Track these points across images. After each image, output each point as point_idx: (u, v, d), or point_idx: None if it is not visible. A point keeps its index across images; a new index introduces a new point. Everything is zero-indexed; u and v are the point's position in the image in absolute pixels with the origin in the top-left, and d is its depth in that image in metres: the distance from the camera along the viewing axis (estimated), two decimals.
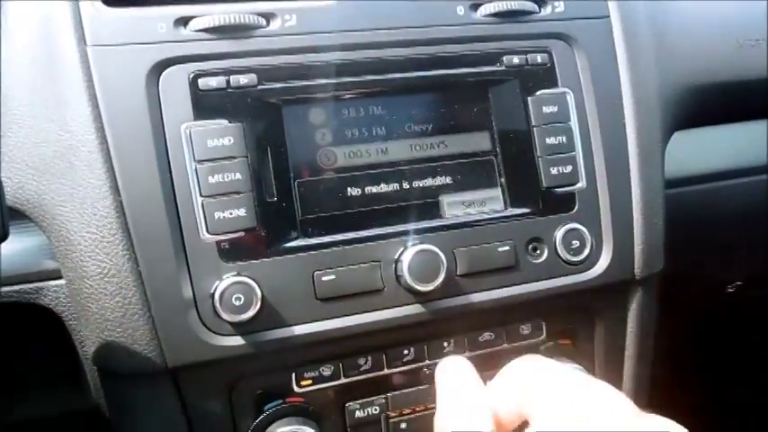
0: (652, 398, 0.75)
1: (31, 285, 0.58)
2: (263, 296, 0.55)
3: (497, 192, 0.65)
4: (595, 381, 0.42)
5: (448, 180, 0.63)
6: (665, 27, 0.75)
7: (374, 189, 0.61)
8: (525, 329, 0.68)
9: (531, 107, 0.66)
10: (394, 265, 0.60)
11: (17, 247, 0.59)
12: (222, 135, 0.56)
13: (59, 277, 0.57)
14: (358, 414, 0.62)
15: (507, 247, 0.63)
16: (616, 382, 0.73)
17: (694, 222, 0.88)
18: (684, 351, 1.01)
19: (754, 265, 1.01)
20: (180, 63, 0.56)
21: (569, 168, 0.66)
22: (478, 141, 0.65)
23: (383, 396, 0.63)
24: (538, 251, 0.65)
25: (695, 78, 0.76)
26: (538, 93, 0.66)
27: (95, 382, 0.61)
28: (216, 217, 0.55)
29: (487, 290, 0.63)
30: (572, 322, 0.70)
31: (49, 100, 0.55)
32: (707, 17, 0.79)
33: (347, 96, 0.62)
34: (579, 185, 0.66)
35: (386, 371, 0.63)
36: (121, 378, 0.57)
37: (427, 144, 0.63)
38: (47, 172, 0.55)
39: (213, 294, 0.54)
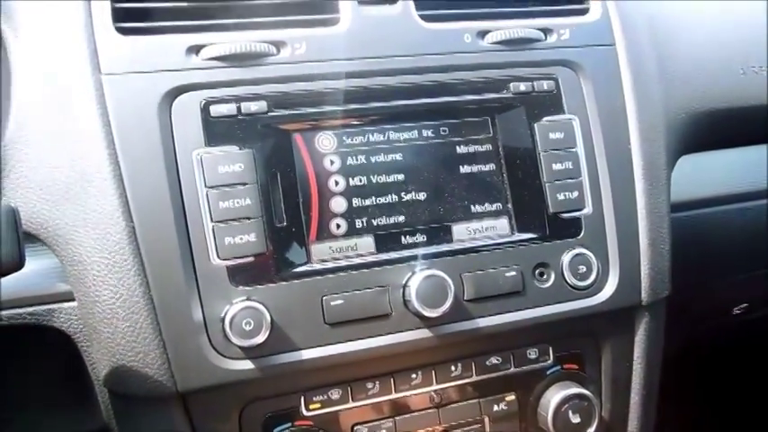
0: (659, 423, 0.75)
1: (45, 307, 0.59)
2: (272, 321, 0.56)
3: (504, 217, 0.66)
4: None
5: (455, 206, 0.64)
6: (670, 54, 0.76)
7: (382, 214, 0.62)
8: (532, 354, 0.68)
9: (537, 133, 0.66)
10: (402, 290, 0.60)
11: (30, 270, 0.60)
12: (233, 161, 0.57)
13: (72, 299, 0.58)
14: None
15: (514, 272, 0.64)
16: (623, 406, 0.73)
17: (700, 246, 0.89)
18: (691, 375, 1.01)
19: (759, 286, 1.01)
20: (192, 90, 0.57)
21: (576, 194, 0.67)
22: (486, 167, 0.66)
23: (391, 419, 0.63)
24: (545, 276, 0.65)
25: (700, 104, 0.77)
26: (544, 119, 0.67)
27: (106, 404, 0.62)
28: (226, 242, 0.56)
29: (494, 314, 0.63)
30: (579, 347, 0.70)
31: (63, 127, 0.56)
32: (711, 44, 0.80)
33: (356, 123, 0.62)
34: (585, 211, 0.67)
35: (394, 395, 0.63)
36: (132, 400, 0.57)
37: (434, 170, 0.64)
38: (61, 197, 0.56)
39: (224, 319, 0.55)
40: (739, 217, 0.94)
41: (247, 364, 0.56)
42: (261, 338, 0.54)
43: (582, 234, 0.67)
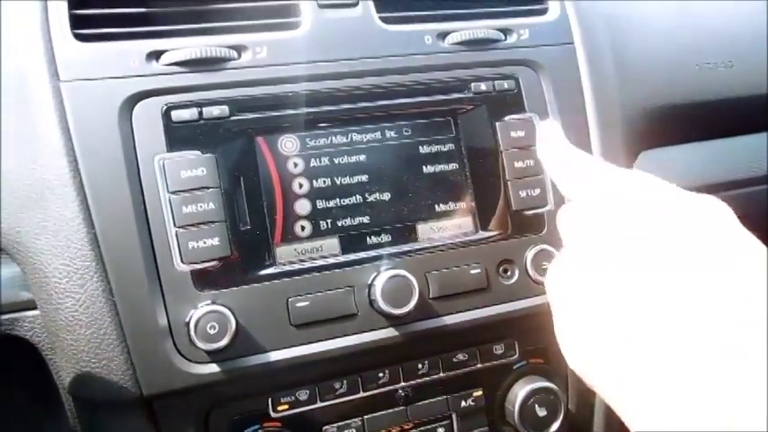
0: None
1: (7, 317, 0.59)
2: (237, 324, 0.56)
3: (468, 215, 0.67)
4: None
5: (419, 205, 0.65)
6: (627, 52, 0.78)
7: (346, 215, 0.62)
8: (498, 349, 0.69)
9: (499, 132, 0.67)
10: (367, 290, 0.61)
11: None
12: (195, 166, 0.57)
13: (34, 308, 0.58)
14: None
15: (478, 270, 0.65)
16: (588, 399, 0.74)
17: None
18: None
19: None
20: (152, 96, 0.57)
21: (538, 191, 0.68)
22: (449, 166, 0.67)
23: (359, 418, 0.64)
24: (509, 272, 0.66)
25: (657, 100, 0.79)
26: (506, 118, 0.68)
27: (72, 412, 0.61)
28: (190, 247, 0.56)
29: (460, 312, 0.64)
30: (544, 341, 0.71)
31: (21, 134, 0.56)
32: (667, 42, 0.82)
33: (319, 125, 0.63)
34: (548, 207, 0.68)
35: (361, 394, 0.64)
36: (98, 407, 0.57)
37: (398, 170, 0.65)
38: (21, 205, 0.55)
39: (188, 323, 0.55)
40: None
41: (213, 368, 0.56)
42: (225, 341, 0.55)
43: (545, 230, 0.68)
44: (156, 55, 0.59)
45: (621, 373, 0.37)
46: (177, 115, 0.58)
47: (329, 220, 0.62)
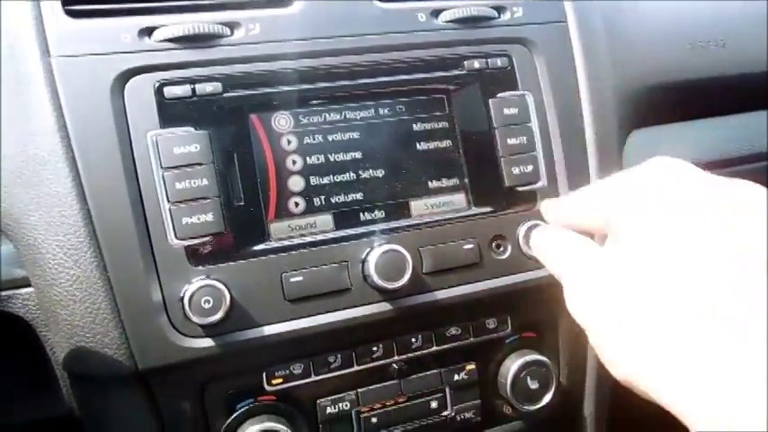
0: (616, 386, 0.78)
1: (1, 294, 0.59)
2: (231, 298, 0.56)
3: (461, 192, 0.67)
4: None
5: (413, 182, 0.65)
6: (620, 30, 0.78)
7: (340, 192, 0.63)
8: (491, 324, 0.70)
9: (492, 109, 0.68)
10: (361, 265, 0.61)
11: None
12: (188, 143, 0.57)
13: (28, 285, 0.58)
14: (329, 410, 0.64)
15: (471, 245, 0.65)
16: (580, 372, 0.75)
17: None
18: None
19: None
20: (145, 73, 0.57)
21: (530, 168, 0.68)
22: (442, 143, 0.67)
23: (353, 392, 0.65)
24: (501, 248, 0.67)
25: (649, 79, 0.79)
26: (499, 95, 0.68)
27: (68, 388, 0.62)
28: (184, 222, 0.56)
29: (453, 286, 0.65)
30: (536, 315, 0.72)
31: (13, 111, 0.56)
32: (660, 20, 0.82)
33: (312, 102, 0.63)
34: (540, 184, 0.69)
35: (355, 367, 0.64)
36: (93, 382, 0.58)
37: (391, 147, 0.65)
38: (14, 182, 0.55)
39: (182, 298, 0.55)
40: None
41: (207, 342, 0.56)
42: (220, 315, 0.55)
43: (537, 206, 0.68)
44: (148, 31, 0.58)
45: (681, 374, 0.36)
46: (170, 92, 0.58)
47: (323, 197, 0.62)
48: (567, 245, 0.51)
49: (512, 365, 0.69)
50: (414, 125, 0.66)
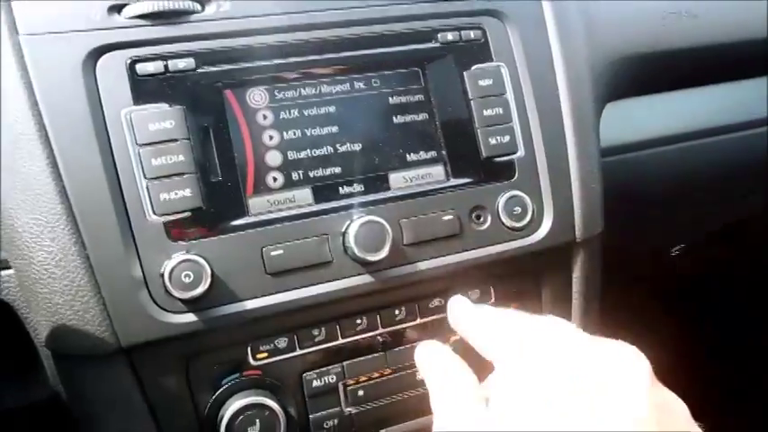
0: None
1: None
2: (212, 273, 0.56)
3: (440, 164, 0.67)
4: (544, 319, 0.46)
5: (391, 155, 0.65)
6: (593, 2, 0.79)
7: (318, 166, 0.63)
8: (474, 295, 0.70)
9: (467, 81, 0.68)
10: (341, 238, 0.61)
11: None
12: (163, 119, 0.57)
13: (8, 267, 0.57)
14: (315, 383, 0.64)
15: (451, 216, 0.66)
16: None
17: (635, 188, 0.93)
18: (632, 312, 1.06)
19: (697, 227, 1.06)
20: (116, 50, 0.57)
21: (507, 138, 0.69)
22: (419, 116, 0.67)
23: (339, 365, 0.65)
24: (481, 219, 0.67)
25: (622, 50, 0.80)
26: (473, 67, 0.69)
27: (52, 370, 0.62)
28: (161, 198, 0.56)
29: (434, 257, 0.65)
30: (519, 286, 0.73)
31: None
32: None
33: (287, 77, 0.63)
34: (518, 154, 0.69)
35: (340, 341, 0.65)
36: (76, 360, 0.58)
37: (368, 121, 0.65)
38: None
39: (163, 273, 0.55)
40: (676, 158, 0.98)
41: (190, 317, 0.56)
42: (201, 289, 0.55)
43: (516, 177, 0.69)
44: (117, 8, 0.58)
45: None
46: (142, 68, 0.58)
47: (301, 171, 0.62)
48: (452, 376, 0.51)
49: None
50: (389, 98, 0.67)
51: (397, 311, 0.67)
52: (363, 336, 0.66)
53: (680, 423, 0.40)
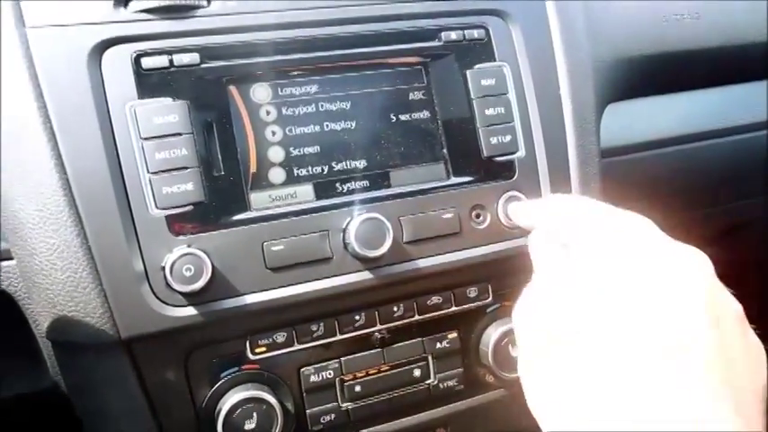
0: None
1: None
2: (213, 267, 0.57)
3: (440, 162, 0.68)
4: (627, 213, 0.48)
5: (392, 152, 0.66)
6: (596, 3, 0.79)
7: (320, 162, 0.63)
8: (472, 293, 0.71)
9: (469, 80, 0.68)
10: (342, 234, 0.62)
11: None
12: (167, 113, 0.57)
13: (10, 258, 0.58)
14: (313, 378, 0.65)
15: (451, 215, 0.66)
16: None
17: (635, 189, 0.93)
18: None
19: (697, 229, 1.06)
20: (121, 43, 0.57)
21: (508, 138, 0.69)
22: (421, 114, 0.68)
23: (337, 360, 0.65)
24: (481, 217, 0.68)
25: (625, 51, 0.80)
26: (476, 66, 0.69)
27: (52, 361, 0.62)
28: (164, 192, 0.57)
29: (433, 255, 0.65)
30: (516, 284, 0.73)
31: None
32: None
33: (291, 74, 0.63)
34: (518, 154, 0.70)
35: (338, 336, 0.65)
36: (77, 351, 0.58)
37: (370, 118, 0.66)
38: None
39: (164, 267, 0.56)
40: (676, 160, 0.98)
41: (190, 311, 0.57)
42: (201, 283, 0.56)
43: (516, 176, 0.69)
44: (123, 2, 0.58)
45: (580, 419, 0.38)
46: (147, 62, 0.58)
47: (303, 168, 0.63)
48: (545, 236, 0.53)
49: (493, 334, 0.70)
50: (392, 96, 0.67)
51: (395, 308, 0.67)
52: (361, 332, 0.66)
53: (732, 320, 0.40)
